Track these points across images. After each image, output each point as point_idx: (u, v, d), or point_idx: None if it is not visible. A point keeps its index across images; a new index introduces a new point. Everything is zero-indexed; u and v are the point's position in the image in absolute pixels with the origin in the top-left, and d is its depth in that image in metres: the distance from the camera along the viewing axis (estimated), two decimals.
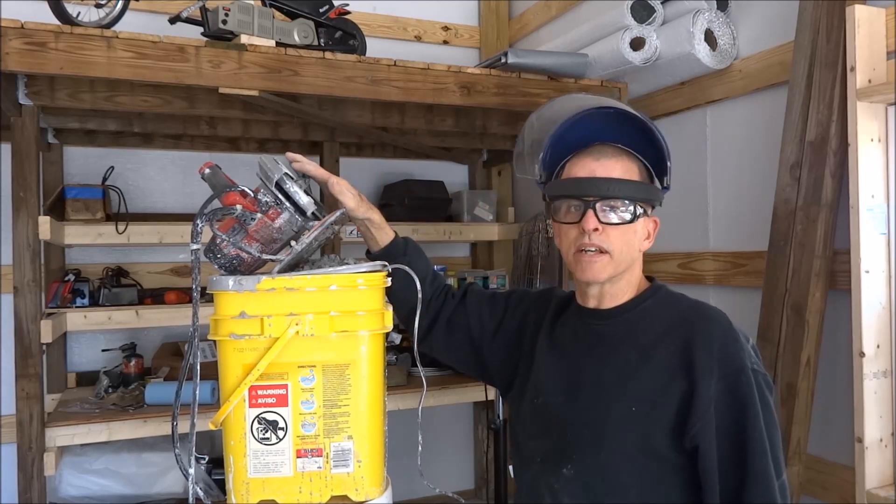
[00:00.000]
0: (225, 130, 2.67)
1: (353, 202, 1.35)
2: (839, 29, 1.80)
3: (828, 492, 1.90)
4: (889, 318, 1.76)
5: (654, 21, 2.37)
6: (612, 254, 1.22)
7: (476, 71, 2.35)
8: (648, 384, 1.18)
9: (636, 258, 1.27)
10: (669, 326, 1.21)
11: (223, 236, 1.19)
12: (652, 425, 1.16)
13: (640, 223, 1.23)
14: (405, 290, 1.35)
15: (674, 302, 1.27)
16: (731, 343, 1.17)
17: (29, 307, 2.02)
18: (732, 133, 2.26)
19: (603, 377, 1.23)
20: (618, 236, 1.22)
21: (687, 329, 1.19)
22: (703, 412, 1.13)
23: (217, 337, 1.16)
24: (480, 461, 3.36)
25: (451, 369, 2.81)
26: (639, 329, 1.24)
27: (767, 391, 1.16)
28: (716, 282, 2.29)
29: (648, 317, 1.25)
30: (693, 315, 1.22)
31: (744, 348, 1.17)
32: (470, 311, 1.46)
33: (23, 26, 1.82)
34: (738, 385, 1.14)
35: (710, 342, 1.16)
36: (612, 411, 1.19)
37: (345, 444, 1.17)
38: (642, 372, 1.19)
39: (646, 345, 1.21)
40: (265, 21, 2.11)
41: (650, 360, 1.19)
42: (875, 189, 1.76)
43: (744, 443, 1.12)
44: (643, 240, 1.27)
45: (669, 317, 1.23)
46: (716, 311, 1.23)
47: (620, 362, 1.22)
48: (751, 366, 1.15)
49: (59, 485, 2.46)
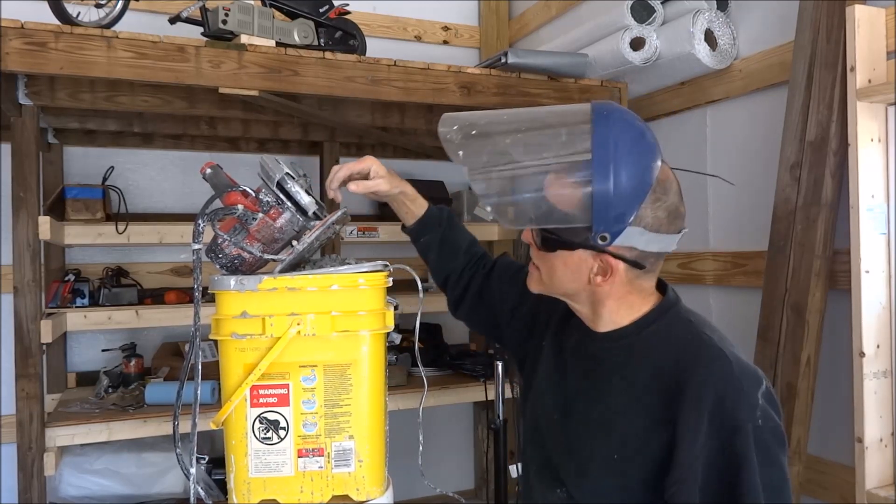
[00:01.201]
0: (225, 130, 2.68)
1: (385, 185, 1.38)
2: (839, 29, 1.81)
3: (828, 492, 1.90)
4: (889, 318, 1.76)
5: (654, 21, 2.37)
6: (542, 273, 1.15)
7: (476, 71, 2.35)
8: (632, 432, 1.07)
9: (591, 292, 1.12)
10: (661, 368, 1.07)
11: (225, 236, 1.19)
12: (632, 477, 1.07)
13: (570, 256, 1.09)
14: (441, 261, 1.42)
15: (674, 335, 1.10)
16: (729, 396, 1.00)
17: (29, 307, 2.02)
18: (732, 133, 2.27)
19: (592, 412, 1.13)
20: (541, 258, 1.14)
21: (679, 375, 1.04)
22: (683, 473, 1.00)
23: (219, 336, 1.16)
24: (480, 461, 3.36)
25: (452, 369, 2.82)
26: (633, 361, 1.11)
27: (777, 447, 0.99)
28: (716, 282, 2.29)
29: (645, 348, 1.10)
30: (689, 359, 1.05)
31: (746, 401, 1.00)
32: (494, 286, 1.43)
33: (23, 26, 1.82)
34: (732, 445, 0.98)
35: (701, 396, 1.00)
36: (595, 454, 1.11)
37: (346, 443, 1.17)
38: (629, 415, 1.08)
39: (637, 384, 1.09)
40: (265, 21, 2.11)
41: (637, 403, 1.07)
42: (875, 189, 1.76)
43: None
44: (588, 275, 1.09)
45: (665, 355, 1.08)
46: (717, 355, 1.04)
47: (610, 399, 1.11)
48: (753, 422, 0.98)
49: (59, 485, 2.45)
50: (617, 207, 1.02)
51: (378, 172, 1.39)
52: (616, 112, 1.07)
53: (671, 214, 1.07)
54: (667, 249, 1.09)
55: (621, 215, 1.03)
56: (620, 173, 1.02)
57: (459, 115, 1.18)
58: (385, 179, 1.39)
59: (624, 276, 1.09)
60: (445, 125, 1.16)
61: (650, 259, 1.09)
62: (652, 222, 1.05)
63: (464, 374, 2.75)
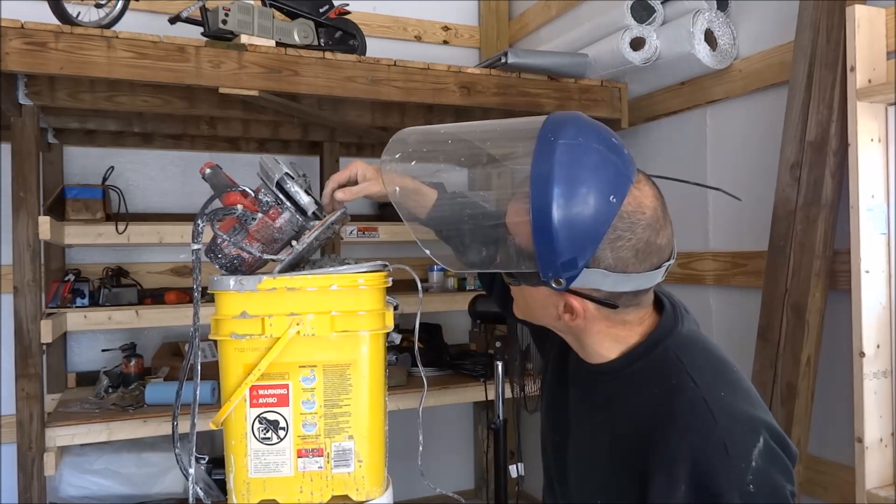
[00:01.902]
0: (225, 130, 2.68)
1: (375, 187, 1.26)
2: (839, 29, 1.80)
3: (828, 492, 1.90)
4: (889, 318, 1.76)
5: (654, 21, 2.37)
6: (517, 301, 1.05)
7: (476, 71, 2.35)
8: (613, 481, 0.97)
9: (567, 326, 1.00)
10: (639, 418, 0.94)
11: (224, 236, 1.19)
12: None
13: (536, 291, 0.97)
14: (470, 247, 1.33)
15: (658, 377, 0.95)
16: (710, 461, 0.85)
17: (29, 307, 2.02)
18: (732, 133, 2.27)
19: (583, 447, 1.05)
20: (513, 289, 1.04)
21: (654, 430, 0.90)
22: None
23: (218, 337, 1.16)
24: (480, 461, 3.36)
25: (452, 369, 2.82)
26: (618, 404, 0.99)
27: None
28: (716, 282, 2.29)
29: (630, 389, 0.98)
30: (667, 415, 0.90)
31: (731, 467, 0.84)
32: None
33: (23, 26, 1.82)
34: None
35: (674, 460, 0.86)
36: (584, 493, 1.05)
37: (345, 443, 1.17)
38: (610, 462, 0.98)
39: (618, 430, 0.97)
40: (265, 21, 2.11)
41: (617, 451, 0.96)
42: (875, 189, 1.76)
43: None
44: (557, 312, 0.97)
45: (644, 404, 0.94)
46: (697, 412, 0.88)
47: (598, 437, 1.01)
48: (740, 489, 0.83)
49: (59, 485, 2.46)
50: (563, 253, 0.88)
51: (365, 175, 1.28)
52: (565, 136, 0.91)
53: (640, 253, 0.91)
54: (644, 286, 0.95)
55: (571, 261, 0.89)
56: (565, 214, 0.87)
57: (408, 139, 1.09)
58: (374, 182, 1.28)
59: (597, 313, 0.96)
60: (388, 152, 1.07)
61: (624, 297, 0.94)
62: (615, 263, 0.91)
63: (464, 374, 2.75)
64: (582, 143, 0.91)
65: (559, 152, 0.89)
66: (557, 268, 0.89)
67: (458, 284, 2.95)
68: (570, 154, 0.90)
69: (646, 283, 0.94)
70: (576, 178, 0.89)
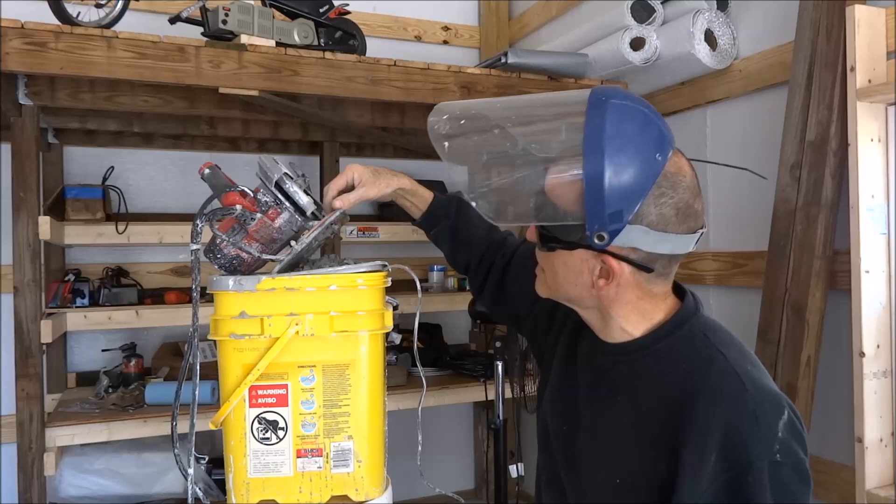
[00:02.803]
0: (225, 130, 2.68)
1: (373, 191, 1.29)
2: (839, 29, 1.80)
3: (828, 492, 1.90)
4: (889, 318, 1.76)
5: (654, 21, 2.37)
6: (546, 274, 1.07)
7: (476, 71, 2.35)
8: (635, 459, 0.98)
9: (596, 296, 1.01)
10: (669, 390, 0.96)
11: (223, 236, 1.19)
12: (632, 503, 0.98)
13: (570, 256, 0.99)
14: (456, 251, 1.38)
15: (686, 354, 0.99)
16: (740, 429, 0.88)
17: (29, 307, 2.02)
18: (732, 133, 2.26)
19: (598, 429, 1.05)
20: (544, 259, 1.06)
21: (684, 403, 0.93)
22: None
23: (217, 337, 1.16)
24: (480, 461, 3.36)
25: (451, 369, 2.82)
26: (641, 381, 1.01)
27: (798, 483, 0.88)
28: (716, 282, 2.29)
29: (655, 365, 1.00)
30: (698, 385, 0.94)
31: (761, 434, 0.88)
32: (513, 277, 1.36)
33: (23, 26, 1.82)
34: (740, 483, 0.86)
35: (708, 429, 0.89)
36: (598, 476, 1.04)
37: (345, 444, 1.17)
38: (634, 438, 0.99)
39: (642, 407, 0.99)
40: (265, 21, 2.11)
41: (642, 428, 0.98)
42: (875, 189, 1.76)
43: None
44: (591, 278, 0.99)
45: (673, 377, 0.97)
46: (729, 382, 0.92)
47: (616, 417, 1.03)
48: (769, 458, 0.86)
49: (59, 485, 2.46)
50: (611, 204, 0.92)
51: (361, 180, 1.29)
52: (615, 97, 0.96)
53: (681, 212, 0.96)
54: (679, 251, 0.98)
55: (618, 213, 0.92)
56: (615, 166, 0.92)
57: (452, 105, 1.12)
58: (370, 185, 1.29)
59: (630, 279, 0.99)
60: (436, 115, 1.09)
61: (660, 261, 0.98)
62: (657, 220, 0.94)
63: (464, 374, 2.75)
64: (630, 105, 0.97)
65: (611, 109, 0.94)
66: (604, 220, 0.93)
67: (458, 284, 2.95)
68: (619, 112, 0.95)
69: (682, 247, 0.98)
70: (626, 134, 0.94)
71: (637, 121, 0.96)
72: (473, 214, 1.40)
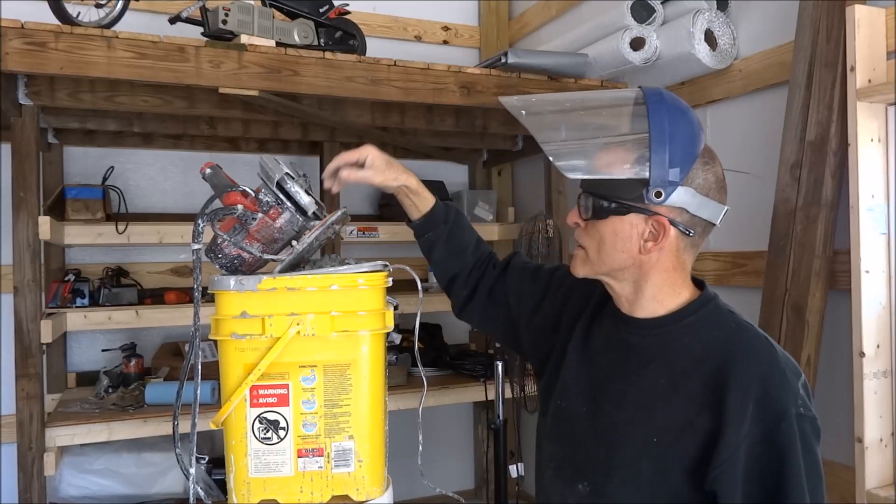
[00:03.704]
0: (225, 130, 2.67)
1: (378, 178, 1.33)
2: (839, 29, 1.81)
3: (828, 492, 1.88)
4: (889, 318, 1.76)
5: (654, 21, 2.37)
6: (588, 251, 1.15)
7: (476, 71, 2.35)
8: (675, 414, 1.06)
9: (638, 262, 1.11)
10: (706, 354, 1.08)
11: (224, 236, 1.19)
12: (671, 461, 1.05)
13: (620, 222, 1.10)
14: (446, 260, 1.37)
15: (718, 323, 1.12)
16: (774, 384, 1.02)
17: (29, 307, 2.02)
18: (732, 133, 2.27)
19: (627, 396, 1.12)
20: (590, 233, 1.14)
21: (725, 361, 1.05)
22: (728, 458, 1.01)
23: (218, 337, 1.16)
24: (480, 461, 3.36)
25: (452, 369, 2.82)
26: (673, 349, 1.11)
27: (813, 437, 1.03)
28: (716, 282, 2.29)
29: (687, 336, 1.11)
30: (735, 346, 1.07)
31: (789, 389, 1.02)
32: (510, 285, 1.40)
33: (23, 26, 1.82)
34: (776, 432, 1.00)
35: (748, 381, 1.02)
36: (630, 438, 1.10)
37: (346, 443, 1.17)
38: (671, 399, 1.07)
39: (678, 370, 1.09)
40: (265, 21, 2.11)
41: (680, 388, 1.07)
42: (875, 189, 1.76)
43: (779, 492, 1.01)
44: (640, 242, 1.10)
45: (709, 342, 1.09)
46: (761, 343, 1.08)
47: (647, 384, 1.11)
48: (795, 410, 1.01)
49: (59, 485, 2.46)
50: (674, 160, 1.06)
51: (373, 163, 1.33)
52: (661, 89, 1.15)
53: (719, 182, 1.11)
54: (714, 220, 1.11)
55: (676, 171, 1.06)
56: (677, 126, 1.07)
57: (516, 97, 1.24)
58: (377, 172, 1.33)
59: (673, 243, 1.10)
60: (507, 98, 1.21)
61: (699, 227, 1.11)
62: (703, 184, 1.09)
63: (464, 374, 2.75)
64: (675, 96, 1.14)
65: (664, 93, 1.12)
66: (665, 175, 1.06)
67: None
68: (670, 96, 1.12)
69: (716, 215, 1.11)
70: (680, 107, 1.12)
71: (685, 105, 1.14)
72: (468, 226, 1.45)
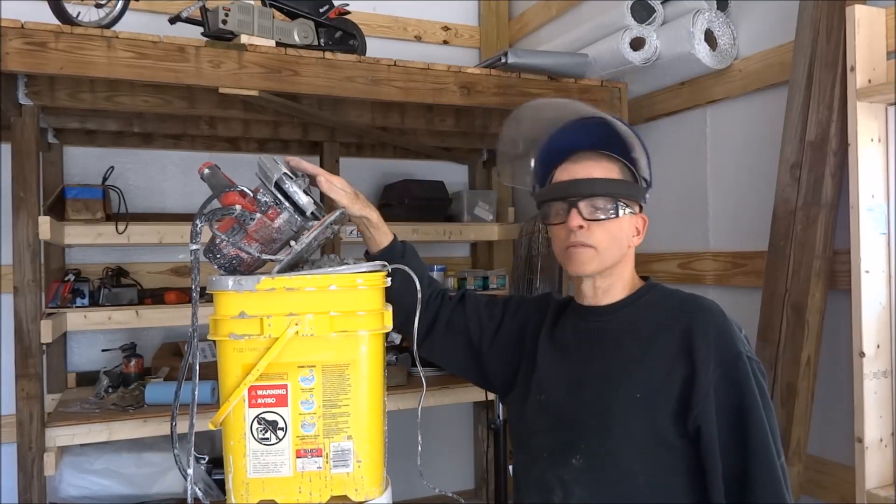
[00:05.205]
0: (225, 130, 2.68)
1: (346, 199, 1.34)
2: (839, 29, 1.80)
3: (828, 492, 1.90)
4: (889, 318, 1.76)
5: (654, 21, 2.37)
6: (598, 248, 1.27)
7: (476, 71, 2.35)
8: (652, 371, 1.22)
9: (625, 254, 1.31)
10: (668, 316, 1.27)
11: (222, 236, 1.19)
12: (657, 410, 1.20)
13: (625, 219, 1.28)
14: (403, 294, 1.33)
15: (670, 295, 1.32)
16: (726, 332, 1.22)
17: (29, 307, 2.02)
18: (732, 133, 2.26)
19: (606, 369, 1.26)
20: (601, 232, 1.27)
21: (685, 318, 1.24)
22: (703, 396, 1.17)
23: (217, 337, 1.16)
24: (480, 461, 3.36)
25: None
26: (639, 322, 1.28)
27: (762, 377, 1.22)
28: (716, 282, 2.29)
29: (647, 310, 1.29)
30: (690, 306, 1.28)
31: (738, 337, 1.22)
32: (469, 313, 1.48)
33: (23, 26, 1.82)
34: (734, 371, 1.19)
35: (706, 331, 1.21)
36: (618, 400, 1.23)
37: (344, 444, 1.17)
38: (645, 360, 1.24)
39: (646, 335, 1.26)
40: (265, 21, 2.11)
41: (651, 347, 1.24)
42: (875, 189, 1.76)
43: (744, 424, 1.17)
44: (631, 236, 1.31)
45: (668, 308, 1.29)
46: (710, 303, 1.28)
47: (623, 354, 1.26)
48: (745, 352, 1.21)
49: (59, 485, 2.46)
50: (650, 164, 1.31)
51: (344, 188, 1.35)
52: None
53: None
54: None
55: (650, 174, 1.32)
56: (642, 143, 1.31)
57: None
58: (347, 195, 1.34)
59: (641, 234, 1.34)
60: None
61: None
62: (650, 180, 1.33)
63: None
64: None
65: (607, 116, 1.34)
66: (650, 176, 1.32)
67: (458, 285, 2.95)
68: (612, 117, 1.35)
69: None
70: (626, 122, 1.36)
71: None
72: (421, 263, 1.48)
